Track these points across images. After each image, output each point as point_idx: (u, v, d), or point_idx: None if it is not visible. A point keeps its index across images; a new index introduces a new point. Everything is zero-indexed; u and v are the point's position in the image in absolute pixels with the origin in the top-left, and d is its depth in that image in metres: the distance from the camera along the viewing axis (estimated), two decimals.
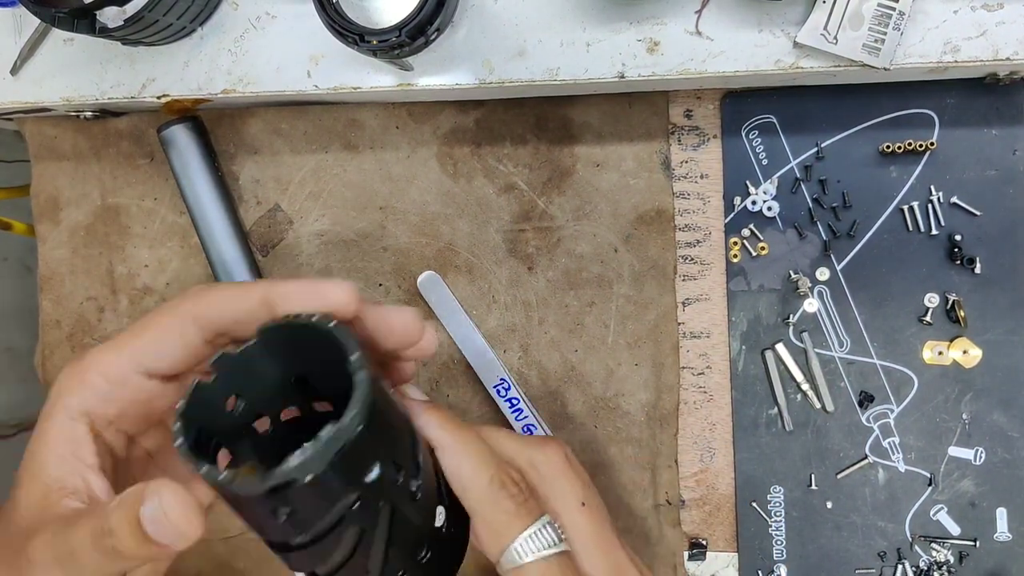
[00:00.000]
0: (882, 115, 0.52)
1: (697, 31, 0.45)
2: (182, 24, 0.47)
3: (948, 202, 0.51)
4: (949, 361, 0.52)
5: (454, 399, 0.55)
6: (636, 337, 0.53)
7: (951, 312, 0.51)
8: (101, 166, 0.56)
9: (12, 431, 0.68)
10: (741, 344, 0.53)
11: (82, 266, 0.57)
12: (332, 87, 0.48)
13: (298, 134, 0.55)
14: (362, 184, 0.55)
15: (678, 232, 0.53)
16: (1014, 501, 0.51)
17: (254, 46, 0.48)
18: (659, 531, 0.54)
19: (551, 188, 0.54)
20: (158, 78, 0.49)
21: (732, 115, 0.53)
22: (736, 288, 0.53)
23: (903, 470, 0.52)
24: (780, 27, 0.45)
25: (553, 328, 0.54)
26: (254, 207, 0.56)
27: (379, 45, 0.42)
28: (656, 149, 0.53)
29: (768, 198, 0.53)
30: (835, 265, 0.52)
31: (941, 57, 0.44)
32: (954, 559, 0.52)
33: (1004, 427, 0.51)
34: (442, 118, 0.54)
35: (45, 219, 0.57)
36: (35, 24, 0.49)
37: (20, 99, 0.51)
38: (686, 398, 0.54)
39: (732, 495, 0.54)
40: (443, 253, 0.55)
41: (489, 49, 0.46)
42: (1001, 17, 0.44)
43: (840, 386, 0.53)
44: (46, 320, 0.58)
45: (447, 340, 0.54)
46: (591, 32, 0.46)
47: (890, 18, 0.43)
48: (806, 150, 0.52)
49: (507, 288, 0.54)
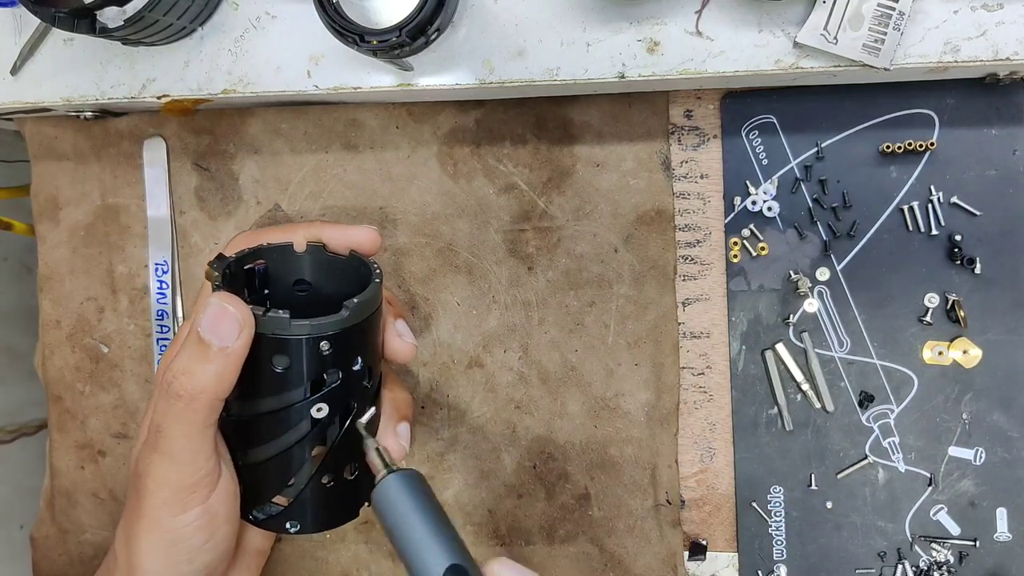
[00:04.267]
0: (882, 115, 0.52)
1: (697, 31, 0.45)
2: (182, 24, 0.47)
3: (948, 202, 0.51)
4: (949, 361, 0.52)
5: (454, 399, 0.55)
6: (636, 337, 0.53)
7: (951, 312, 0.51)
8: (101, 166, 0.56)
9: (11, 437, 0.68)
10: (741, 344, 0.53)
11: (82, 266, 0.57)
12: (332, 87, 0.48)
13: (298, 134, 0.55)
14: (362, 184, 0.55)
15: (678, 232, 0.53)
16: (1014, 501, 0.51)
17: (254, 46, 0.48)
18: (659, 531, 0.54)
19: (551, 188, 0.54)
20: (158, 78, 0.49)
21: (732, 115, 0.53)
22: (736, 288, 0.53)
23: (903, 470, 0.52)
24: (780, 27, 0.45)
25: (553, 328, 0.54)
26: (254, 207, 0.56)
27: (379, 45, 0.42)
28: (656, 149, 0.53)
29: (768, 198, 0.53)
30: (835, 265, 0.52)
31: (941, 57, 0.44)
32: (954, 559, 0.52)
33: (1004, 427, 0.51)
34: (442, 118, 0.54)
35: (45, 219, 0.57)
36: (35, 24, 0.49)
37: (20, 99, 0.51)
38: (686, 398, 0.54)
39: (732, 495, 0.54)
40: (443, 253, 0.55)
41: (489, 49, 0.46)
42: (1001, 17, 0.44)
43: (840, 386, 0.53)
44: (46, 320, 0.58)
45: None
46: (591, 32, 0.46)
47: (890, 18, 0.43)
48: (806, 150, 0.52)
49: (507, 288, 0.54)
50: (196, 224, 0.56)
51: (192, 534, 0.38)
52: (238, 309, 0.36)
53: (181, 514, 0.37)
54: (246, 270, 0.42)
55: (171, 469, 0.37)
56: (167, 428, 0.37)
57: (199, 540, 0.38)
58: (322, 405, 0.38)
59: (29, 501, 0.63)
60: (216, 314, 0.36)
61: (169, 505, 0.37)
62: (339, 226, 0.44)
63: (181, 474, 0.37)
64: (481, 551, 0.55)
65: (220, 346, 0.36)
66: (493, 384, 0.55)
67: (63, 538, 0.58)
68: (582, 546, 0.54)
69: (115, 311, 0.57)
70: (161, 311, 0.56)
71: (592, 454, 0.54)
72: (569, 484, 0.54)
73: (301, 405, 0.38)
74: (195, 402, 0.36)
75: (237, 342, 0.36)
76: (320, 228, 0.44)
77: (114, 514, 0.58)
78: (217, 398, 0.37)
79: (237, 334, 0.36)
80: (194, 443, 0.37)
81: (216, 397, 0.37)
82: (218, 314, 0.36)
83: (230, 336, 0.36)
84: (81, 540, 0.58)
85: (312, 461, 0.39)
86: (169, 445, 0.37)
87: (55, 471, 0.58)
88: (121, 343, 0.57)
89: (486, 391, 0.55)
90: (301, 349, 0.37)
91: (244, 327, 0.36)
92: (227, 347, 0.36)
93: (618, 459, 0.54)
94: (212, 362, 0.36)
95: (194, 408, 0.36)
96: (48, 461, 0.59)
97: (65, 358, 0.58)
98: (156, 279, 0.56)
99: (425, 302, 0.55)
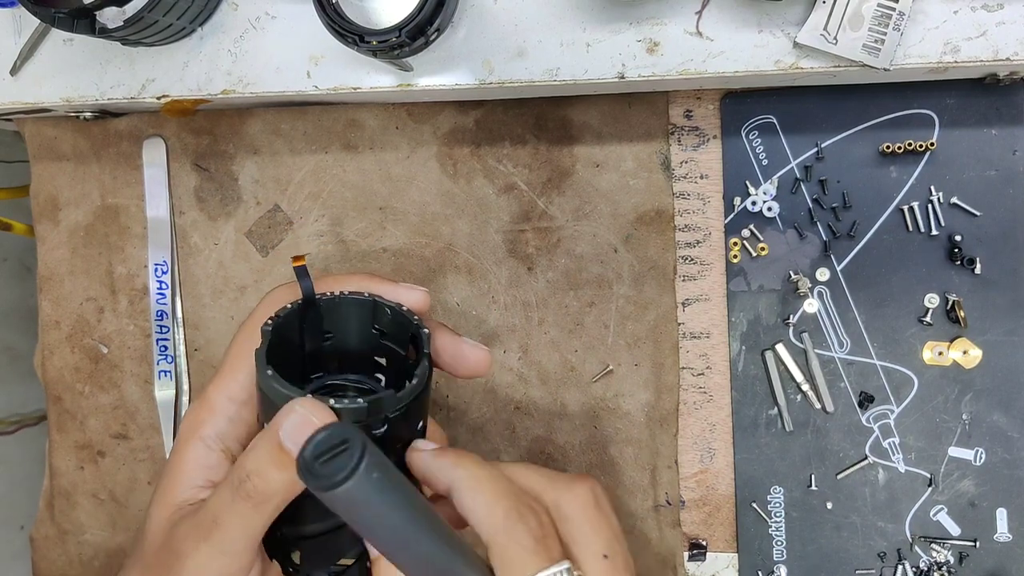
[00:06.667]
0: (882, 115, 0.52)
1: (697, 31, 0.45)
2: (182, 24, 0.46)
3: (948, 202, 0.51)
4: (949, 361, 0.52)
5: (454, 399, 0.55)
6: (636, 337, 0.53)
7: (951, 312, 0.51)
8: (101, 166, 0.56)
9: (13, 427, 0.68)
10: (741, 344, 0.53)
11: (81, 266, 0.57)
12: (332, 87, 0.48)
13: (298, 134, 0.55)
14: (362, 184, 0.55)
15: (678, 232, 0.53)
16: (1014, 501, 0.51)
17: (254, 46, 0.48)
18: (659, 532, 0.54)
19: (551, 188, 0.54)
20: (158, 78, 0.49)
21: (732, 115, 0.53)
22: (736, 288, 0.53)
23: (903, 470, 0.52)
24: (780, 27, 0.45)
25: (553, 328, 0.54)
26: (254, 207, 0.56)
27: (379, 45, 0.42)
28: (656, 149, 0.53)
29: (768, 198, 0.53)
30: (835, 265, 0.52)
31: (941, 57, 0.44)
32: (954, 559, 0.52)
33: (1004, 427, 0.51)
34: (442, 118, 0.54)
35: (44, 219, 0.57)
36: (35, 24, 0.49)
37: (20, 99, 0.51)
38: (686, 398, 0.54)
39: (732, 495, 0.54)
40: (443, 253, 0.55)
41: (489, 49, 0.46)
42: (1001, 17, 0.44)
43: (840, 386, 0.53)
44: (46, 320, 0.58)
45: None
46: (591, 32, 0.46)
47: (890, 18, 0.43)
48: (806, 150, 0.52)
49: (507, 288, 0.54)
50: (196, 224, 0.56)
51: None
52: (323, 421, 0.33)
53: None
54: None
55: (215, 560, 0.35)
56: (226, 523, 0.35)
57: None
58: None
59: (29, 501, 0.63)
60: (301, 423, 0.33)
61: None
62: (389, 284, 0.40)
63: (223, 568, 0.35)
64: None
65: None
66: (493, 384, 0.55)
67: (63, 539, 0.58)
68: None
69: (115, 311, 0.57)
70: (160, 311, 0.56)
71: (592, 454, 0.54)
72: None
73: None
74: (263, 506, 0.34)
75: None
76: (368, 282, 0.40)
77: (113, 515, 0.58)
78: (285, 503, 0.35)
79: None
80: (249, 544, 0.35)
81: (285, 503, 0.35)
82: (303, 424, 0.33)
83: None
84: (81, 540, 0.58)
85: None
86: (222, 540, 0.35)
87: (55, 471, 0.58)
88: (121, 343, 0.57)
89: (486, 391, 0.55)
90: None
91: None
92: None
93: (618, 459, 0.54)
94: (288, 470, 0.34)
95: (260, 512, 0.34)
96: (48, 461, 0.59)
97: (65, 358, 0.58)
98: (156, 279, 0.56)
99: None
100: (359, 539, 0.36)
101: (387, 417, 0.34)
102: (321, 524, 0.36)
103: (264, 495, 0.34)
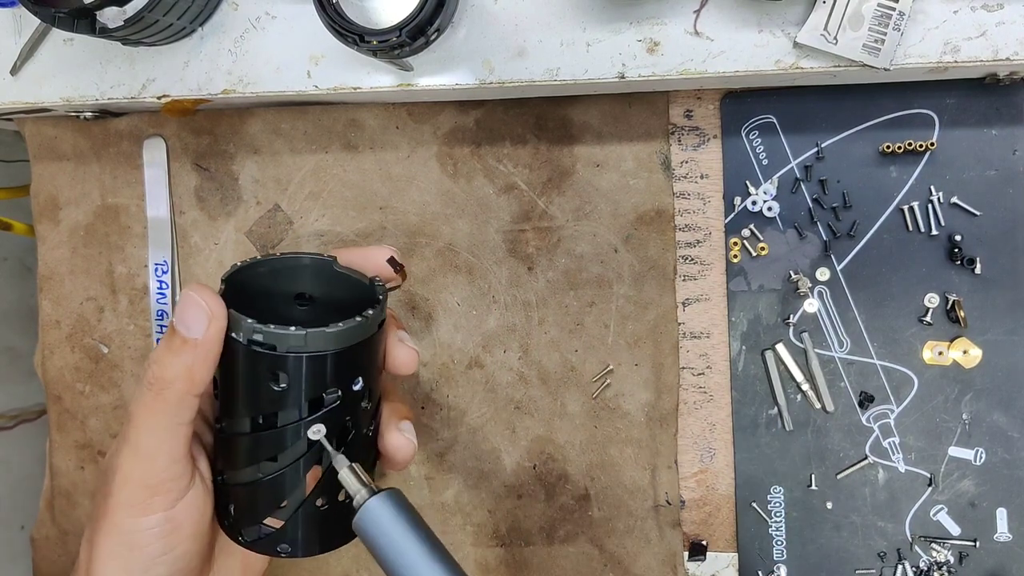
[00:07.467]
0: (882, 115, 0.52)
1: (695, 31, 0.45)
2: (182, 24, 0.47)
3: (948, 202, 0.51)
4: (949, 361, 0.52)
5: (454, 399, 0.55)
6: (636, 337, 0.53)
7: (951, 312, 0.51)
8: (101, 166, 0.56)
9: (12, 423, 0.68)
10: (741, 344, 0.53)
11: (82, 266, 0.57)
12: (332, 87, 0.48)
13: (298, 134, 0.55)
14: (362, 184, 0.55)
15: (678, 232, 0.53)
16: (1014, 501, 0.51)
17: (254, 46, 0.48)
18: (659, 531, 0.54)
19: (551, 188, 0.54)
20: (158, 78, 0.49)
21: (732, 115, 0.53)
22: (736, 288, 0.53)
23: (903, 470, 0.52)
24: (780, 27, 0.45)
25: (553, 328, 0.54)
26: (254, 207, 0.56)
27: (379, 45, 0.42)
28: (656, 149, 0.53)
29: (768, 198, 0.53)
30: (835, 265, 0.52)
31: (941, 57, 0.44)
32: (954, 559, 0.52)
33: (1004, 427, 0.51)
34: (442, 118, 0.54)
35: (45, 219, 0.57)
36: (35, 24, 0.49)
37: (20, 99, 0.51)
38: (686, 398, 0.54)
39: (732, 495, 0.54)
40: (443, 253, 0.55)
41: (489, 49, 0.46)
42: (1001, 17, 0.44)
43: (840, 386, 0.53)
44: (46, 320, 0.58)
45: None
46: (591, 32, 0.46)
47: (890, 18, 0.43)
48: (806, 150, 0.52)
49: (507, 288, 0.54)
50: (196, 224, 0.56)
51: (150, 541, 0.36)
52: (208, 301, 0.35)
53: (141, 517, 0.36)
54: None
55: (136, 464, 0.36)
56: (135, 416, 0.36)
57: (157, 549, 0.37)
58: (319, 426, 0.37)
59: (29, 502, 0.63)
60: (185, 304, 0.35)
61: (131, 505, 0.36)
62: (357, 248, 0.42)
63: (145, 471, 0.36)
64: (481, 551, 0.55)
65: (189, 337, 0.35)
66: (493, 384, 0.55)
67: (63, 539, 0.58)
68: (582, 547, 0.54)
69: (115, 311, 0.57)
70: (161, 311, 0.56)
71: (592, 454, 0.54)
72: (569, 484, 0.54)
73: (297, 425, 0.36)
74: (164, 392, 0.35)
75: (206, 334, 0.35)
76: (337, 251, 0.42)
77: None
78: (188, 393, 0.36)
79: (206, 326, 0.35)
80: (160, 437, 0.36)
81: (187, 391, 0.36)
82: (187, 304, 0.35)
83: (198, 327, 0.35)
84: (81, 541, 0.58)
85: (306, 483, 0.38)
86: (136, 435, 0.36)
87: (55, 471, 0.58)
88: (121, 343, 0.57)
89: (486, 391, 0.55)
90: (301, 366, 0.36)
91: (213, 319, 0.35)
92: (196, 339, 0.35)
93: (618, 459, 0.54)
94: (182, 353, 0.35)
95: (163, 399, 0.35)
96: (48, 461, 0.59)
97: (65, 358, 0.58)
98: (156, 279, 0.56)
99: (425, 302, 0.55)
100: (286, 494, 0.38)
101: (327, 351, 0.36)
102: (251, 470, 0.38)
103: (163, 381, 0.35)
